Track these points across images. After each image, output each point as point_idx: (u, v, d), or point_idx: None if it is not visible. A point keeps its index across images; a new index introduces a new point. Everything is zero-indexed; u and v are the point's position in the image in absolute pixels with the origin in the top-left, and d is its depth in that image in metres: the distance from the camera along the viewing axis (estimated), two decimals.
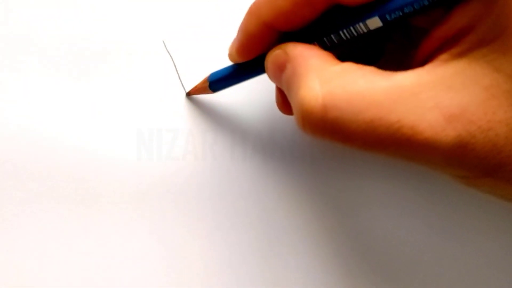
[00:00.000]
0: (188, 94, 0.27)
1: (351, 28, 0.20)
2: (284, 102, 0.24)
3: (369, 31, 0.20)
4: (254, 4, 0.21)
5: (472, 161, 0.17)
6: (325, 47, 0.21)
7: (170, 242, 0.26)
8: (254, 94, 0.28)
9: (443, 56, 0.18)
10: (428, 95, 0.17)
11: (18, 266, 0.26)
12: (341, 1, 0.19)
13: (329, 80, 0.18)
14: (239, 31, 0.22)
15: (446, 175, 0.19)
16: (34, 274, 0.26)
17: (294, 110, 0.19)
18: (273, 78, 0.22)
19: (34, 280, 0.26)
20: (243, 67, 0.24)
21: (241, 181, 0.27)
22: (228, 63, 0.24)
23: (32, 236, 0.26)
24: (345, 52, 0.22)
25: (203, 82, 0.26)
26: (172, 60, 0.28)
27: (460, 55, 0.18)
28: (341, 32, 0.20)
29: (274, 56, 0.21)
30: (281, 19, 0.20)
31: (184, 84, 0.28)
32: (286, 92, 0.21)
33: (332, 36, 0.20)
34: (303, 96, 0.18)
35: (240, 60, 0.23)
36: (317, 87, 0.18)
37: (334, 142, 0.19)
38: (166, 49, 0.28)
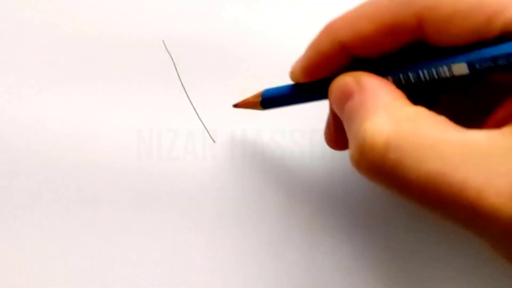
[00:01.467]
0: (236, 106, 0.26)
1: (433, 69, 0.18)
2: (336, 134, 0.23)
3: (453, 76, 0.18)
4: (332, 22, 0.20)
5: None
6: (398, 84, 0.19)
7: (170, 242, 0.26)
8: None
9: None
10: (502, 160, 0.16)
11: (18, 266, 0.26)
12: (429, 38, 0.18)
13: (399, 120, 0.17)
14: (308, 49, 0.21)
15: (495, 249, 0.17)
16: (34, 274, 0.26)
17: (352, 143, 0.18)
18: (335, 105, 0.20)
19: (34, 280, 0.26)
20: (305, 88, 0.22)
21: (241, 181, 0.27)
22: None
23: (32, 236, 0.26)
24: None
25: (255, 96, 0.24)
26: (172, 60, 0.28)
27: None
28: (420, 72, 0.18)
29: (343, 82, 0.20)
30: (360, 43, 0.19)
31: (184, 84, 0.28)
32: (345, 123, 0.19)
33: (410, 73, 0.19)
34: (367, 128, 0.17)
35: (303, 80, 0.21)
36: (384, 123, 0.17)
37: (388, 187, 0.17)
38: (166, 49, 0.28)
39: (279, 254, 0.27)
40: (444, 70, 0.18)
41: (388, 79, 0.19)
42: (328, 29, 0.20)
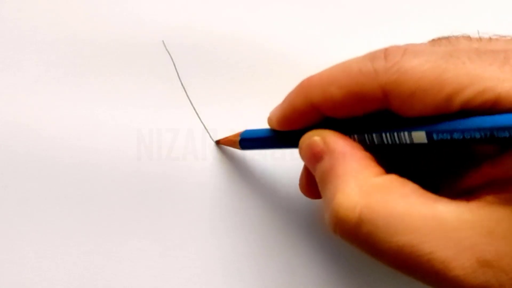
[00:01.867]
0: (217, 143, 0.27)
1: (395, 134, 0.19)
2: (308, 185, 0.24)
3: (412, 143, 0.19)
4: (307, 80, 0.21)
5: None
6: (363, 144, 0.20)
7: (169, 242, 0.26)
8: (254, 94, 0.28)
9: (490, 198, 0.17)
10: (467, 235, 0.17)
11: (17, 266, 0.26)
12: (394, 109, 0.19)
13: (369, 192, 0.18)
14: (284, 101, 0.22)
15: None
16: (34, 274, 0.26)
17: (328, 212, 0.19)
18: (306, 162, 0.22)
19: (34, 280, 0.26)
20: (280, 136, 0.23)
21: (241, 181, 0.27)
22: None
23: (32, 236, 0.26)
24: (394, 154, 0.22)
25: (235, 136, 0.25)
26: (172, 60, 0.28)
27: (509, 202, 0.17)
28: (383, 134, 0.20)
29: (311, 142, 0.21)
30: (329, 106, 0.20)
31: (184, 84, 0.28)
32: (319, 184, 0.21)
33: (374, 135, 0.20)
34: (340, 203, 0.18)
35: (278, 129, 0.23)
36: (355, 197, 0.18)
37: (363, 252, 0.19)
38: (166, 49, 0.28)
39: (279, 254, 0.27)
40: (405, 136, 0.19)
41: (354, 138, 0.20)
42: (302, 88, 0.21)
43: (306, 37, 0.28)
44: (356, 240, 0.18)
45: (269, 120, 0.23)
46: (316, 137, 0.21)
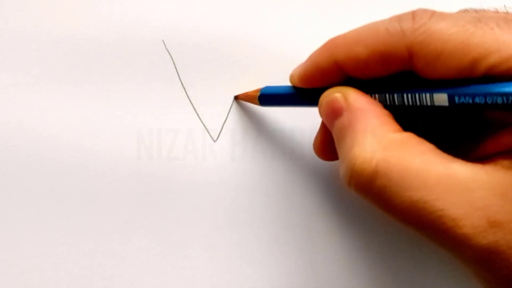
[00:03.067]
0: (236, 98, 0.27)
1: (417, 95, 0.19)
2: (323, 145, 0.24)
3: (433, 106, 0.19)
4: (332, 40, 0.21)
5: (501, 269, 0.17)
6: (384, 104, 0.20)
7: (170, 241, 0.26)
8: None
9: (506, 163, 0.18)
10: (480, 195, 0.17)
11: (18, 266, 0.26)
12: (418, 70, 0.19)
13: (386, 147, 0.18)
14: (308, 59, 0.22)
15: (468, 270, 0.19)
16: (34, 274, 0.26)
17: (343, 165, 0.20)
18: (324, 118, 0.22)
19: (34, 280, 0.26)
20: (300, 93, 0.23)
21: (241, 181, 0.27)
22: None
23: (32, 236, 0.26)
24: (413, 118, 0.22)
25: (255, 91, 0.26)
26: (172, 60, 0.28)
27: None
28: (405, 95, 0.20)
29: (332, 98, 0.21)
30: (353, 66, 0.20)
31: (184, 84, 0.28)
32: (335, 140, 0.21)
33: (395, 95, 0.20)
34: (357, 154, 0.19)
35: (299, 85, 0.23)
36: (372, 150, 0.18)
37: (375, 206, 0.19)
38: (166, 49, 0.28)
39: (279, 254, 0.27)
40: (426, 98, 0.19)
41: (375, 97, 0.21)
42: (327, 47, 0.21)
43: (306, 37, 0.28)
44: (370, 193, 0.19)
45: (291, 77, 0.23)
46: (337, 94, 0.21)
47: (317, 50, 0.22)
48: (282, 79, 0.26)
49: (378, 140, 0.19)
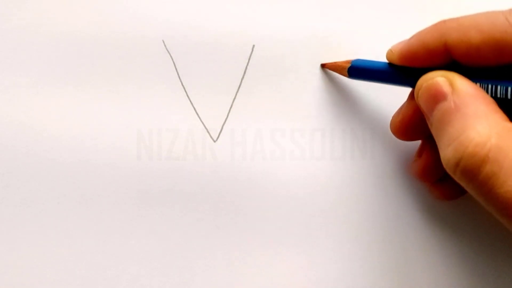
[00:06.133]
0: (323, 66, 0.27)
1: None
2: (404, 125, 0.24)
3: None
4: (443, 21, 0.21)
5: None
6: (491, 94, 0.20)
7: (170, 242, 0.26)
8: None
9: None
10: None
11: (18, 266, 0.26)
12: None
13: (500, 134, 0.18)
14: (414, 36, 0.22)
15: None
16: (34, 274, 0.26)
17: (447, 147, 0.19)
18: (423, 102, 0.21)
19: (34, 280, 0.26)
20: (396, 70, 0.22)
21: (241, 181, 0.27)
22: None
23: (32, 236, 0.26)
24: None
25: (346, 62, 0.25)
26: (172, 60, 0.28)
27: None
28: (509, 88, 0.19)
29: (435, 82, 0.20)
30: (464, 50, 0.20)
31: (184, 84, 0.28)
32: (436, 123, 0.20)
33: (499, 87, 0.20)
34: (471, 138, 0.18)
35: (397, 62, 0.22)
36: (487, 135, 0.18)
37: (474, 193, 0.18)
38: (166, 48, 0.28)
39: (279, 254, 0.27)
40: None
41: (477, 85, 0.20)
42: (439, 26, 0.21)
43: (306, 37, 0.28)
44: (475, 179, 0.18)
45: (390, 53, 0.23)
46: (440, 78, 0.20)
47: (425, 29, 0.21)
48: (282, 79, 0.26)
49: (491, 126, 0.18)
